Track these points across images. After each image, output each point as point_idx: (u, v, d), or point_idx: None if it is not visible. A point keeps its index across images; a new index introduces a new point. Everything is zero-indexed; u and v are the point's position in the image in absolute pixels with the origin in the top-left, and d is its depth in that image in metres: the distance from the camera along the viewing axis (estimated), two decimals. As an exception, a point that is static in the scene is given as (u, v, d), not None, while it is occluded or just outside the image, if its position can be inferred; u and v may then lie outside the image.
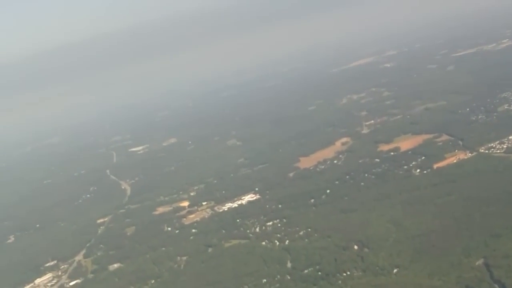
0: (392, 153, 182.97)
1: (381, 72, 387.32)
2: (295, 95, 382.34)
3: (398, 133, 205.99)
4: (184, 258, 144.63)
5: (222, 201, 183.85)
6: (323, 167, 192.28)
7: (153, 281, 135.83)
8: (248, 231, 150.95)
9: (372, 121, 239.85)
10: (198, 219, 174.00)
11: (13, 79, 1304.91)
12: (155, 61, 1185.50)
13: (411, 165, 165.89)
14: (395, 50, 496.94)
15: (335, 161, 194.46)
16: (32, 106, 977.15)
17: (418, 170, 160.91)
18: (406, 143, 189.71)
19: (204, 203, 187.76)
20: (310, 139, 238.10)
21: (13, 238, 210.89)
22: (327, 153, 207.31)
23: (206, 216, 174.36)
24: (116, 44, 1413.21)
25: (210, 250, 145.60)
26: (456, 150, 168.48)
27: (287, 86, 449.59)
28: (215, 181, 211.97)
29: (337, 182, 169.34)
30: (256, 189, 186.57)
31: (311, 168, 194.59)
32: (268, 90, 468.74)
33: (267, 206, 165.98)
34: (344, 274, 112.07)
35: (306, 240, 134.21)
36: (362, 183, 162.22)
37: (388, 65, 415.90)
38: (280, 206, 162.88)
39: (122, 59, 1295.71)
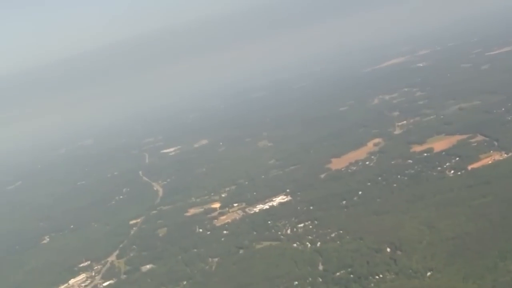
0: (425, 154, 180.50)
1: (413, 71, 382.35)
2: (326, 96, 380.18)
3: (431, 134, 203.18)
4: (216, 259, 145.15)
5: (253, 203, 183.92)
6: (355, 168, 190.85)
7: (185, 282, 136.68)
8: (279, 232, 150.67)
9: (405, 122, 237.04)
10: (229, 220, 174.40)
11: (47, 82, 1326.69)
12: (184, 64, 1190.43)
13: (445, 166, 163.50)
14: (427, 49, 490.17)
15: (367, 162, 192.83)
16: (66, 108, 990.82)
17: (452, 171, 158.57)
18: (439, 144, 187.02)
19: (235, 205, 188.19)
20: (341, 140, 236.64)
21: (48, 239, 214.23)
22: (359, 154, 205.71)
23: (237, 218, 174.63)
24: (145, 48, 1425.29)
25: (241, 251, 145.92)
26: (491, 151, 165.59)
27: (318, 87, 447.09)
28: (246, 183, 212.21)
29: (369, 184, 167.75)
30: (288, 190, 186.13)
31: (343, 169, 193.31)
32: (299, 90, 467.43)
33: (299, 207, 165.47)
34: (377, 277, 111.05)
35: (338, 242, 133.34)
36: (395, 185, 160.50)
37: (421, 65, 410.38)
38: (311, 207, 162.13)
39: (152, 62, 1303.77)
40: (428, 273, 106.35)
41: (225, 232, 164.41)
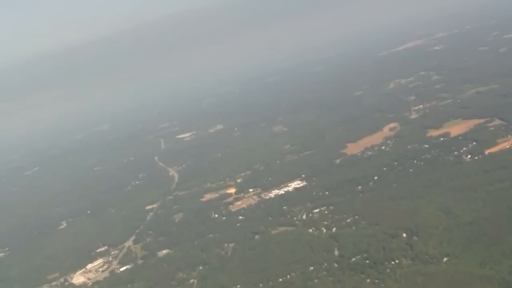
0: (441, 139, 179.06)
1: (430, 55, 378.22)
2: (342, 80, 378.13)
3: (448, 118, 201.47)
4: (231, 245, 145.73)
5: (269, 188, 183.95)
6: (370, 153, 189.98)
7: (201, 268, 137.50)
8: (294, 218, 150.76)
9: (421, 106, 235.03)
10: (244, 206, 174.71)
11: (62, 69, 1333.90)
12: (199, 50, 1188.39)
13: (461, 151, 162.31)
14: (444, 32, 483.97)
15: (383, 147, 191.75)
16: (83, 95, 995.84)
17: (469, 156, 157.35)
18: (456, 128, 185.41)
19: (250, 190, 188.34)
20: (357, 125, 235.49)
21: (65, 224, 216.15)
22: (375, 139, 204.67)
23: (253, 203, 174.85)
24: (159, 35, 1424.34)
25: (257, 237, 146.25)
26: (509, 135, 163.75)
27: (333, 71, 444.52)
28: (262, 168, 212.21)
29: (385, 169, 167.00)
30: (303, 175, 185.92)
31: (359, 154, 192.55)
32: (314, 75, 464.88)
33: (314, 193, 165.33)
34: (393, 262, 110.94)
35: (354, 227, 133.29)
36: (411, 170, 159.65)
37: (438, 48, 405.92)
38: (327, 193, 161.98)
39: (166, 49, 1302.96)
40: (445, 259, 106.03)
41: (240, 217, 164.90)
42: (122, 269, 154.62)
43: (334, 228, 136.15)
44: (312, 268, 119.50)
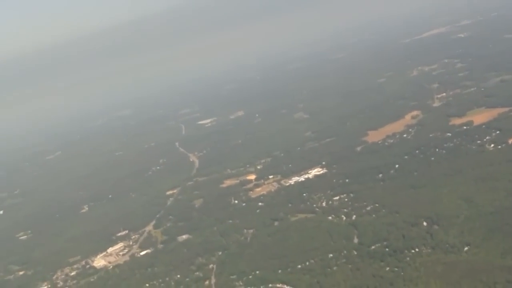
0: (464, 127, 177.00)
1: (454, 42, 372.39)
2: (364, 67, 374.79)
3: (472, 107, 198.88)
4: (251, 231, 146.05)
5: (289, 175, 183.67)
6: (392, 141, 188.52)
7: (220, 253, 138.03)
8: (314, 205, 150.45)
9: (444, 94, 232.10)
10: (264, 192, 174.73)
11: (84, 55, 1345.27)
12: (219, 37, 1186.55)
13: (484, 139, 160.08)
14: (469, 19, 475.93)
15: (404, 135, 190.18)
16: (105, 79, 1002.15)
17: (492, 145, 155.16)
18: (479, 117, 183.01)
19: (270, 177, 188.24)
20: (379, 112, 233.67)
21: (87, 208, 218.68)
22: (397, 126, 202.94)
23: (273, 190, 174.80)
24: (181, 20, 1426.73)
25: (276, 223, 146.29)
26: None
27: (356, 58, 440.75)
28: (282, 155, 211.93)
29: (406, 157, 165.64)
30: (323, 163, 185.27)
31: (380, 142, 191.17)
32: (336, 62, 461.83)
33: (334, 180, 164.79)
34: (413, 251, 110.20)
35: (374, 215, 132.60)
36: (433, 158, 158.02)
37: (462, 35, 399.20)
38: (347, 180, 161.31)
39: (187, 35, 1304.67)
40: (465, 248, 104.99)
41: (260, 204, 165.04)
42: (142, 253, 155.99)
43: (354, 216, 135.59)
44: (331, 255, 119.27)
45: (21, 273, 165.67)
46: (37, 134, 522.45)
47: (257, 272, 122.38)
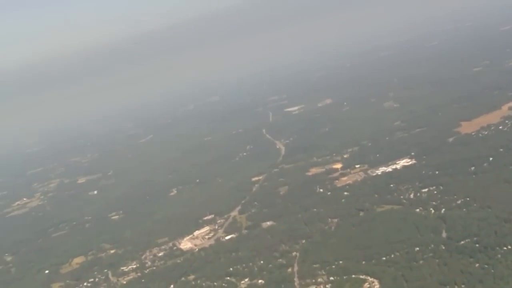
0: None
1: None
2: (459, 55, 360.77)
3: None
4: (335, 220, 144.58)
5: (376, 165, 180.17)
6: (486, 132, 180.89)
7: (303, 241, 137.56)
8: (401, 197, 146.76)
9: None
10: (350, 182, 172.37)
11: (174, 42, 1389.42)
12: (310, 23, 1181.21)
13: None
14: None
15: (500, 127, 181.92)
16: (196, 66, 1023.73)
17: None
18: None
19: (357, 166, 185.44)
20: (473, 103, 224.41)
21: (175, 191, 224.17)
22: (492, 118, 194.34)
23: (359, 179, 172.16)
24: (269, 8, 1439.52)
25: (361, 214, 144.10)
26: None
27: (451, 46, 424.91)
28: (370, 144, 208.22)
29: (501, 150, 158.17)
30: (412, 153, 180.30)
31: (473, 133, 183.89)
32: (429, 49, 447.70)
33: (423, 172, 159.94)
34: (505, 248, 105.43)
35: (464, 209, 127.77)
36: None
37: None
38: (437, 172, 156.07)
39: (278, 22, 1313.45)
40: None
41: (345, 193, 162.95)
42: (227, 237, 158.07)
43: (443, 209, 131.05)
44: (417, 248, 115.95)
45: (112, 251, 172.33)
46: (130, 118, 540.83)
47: (340, 262, 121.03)
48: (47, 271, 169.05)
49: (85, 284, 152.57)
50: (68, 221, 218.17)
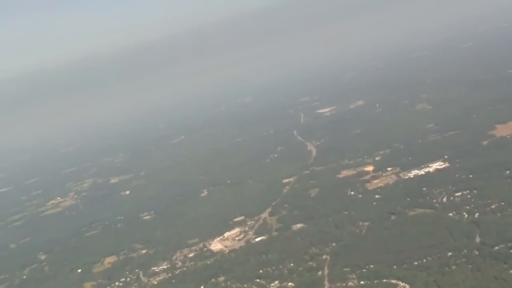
0: None
1: None
2: (494, 57, 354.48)
3: None
4: (366, 223, 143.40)
5: (408, 168, 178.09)
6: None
7: (334, 244, 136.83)
8: (434, 200, 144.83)
9: None
10: (382, 184, 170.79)
11: (208, 43, 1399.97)
12: (341, 24, 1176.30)
13: None
14: None
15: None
16: (227, 67, 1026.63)
17: None
18: None
19: (389, 169, 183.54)
20: (508, 105, 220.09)
21: (206, 192, 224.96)
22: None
23: (391, 182, 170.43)
24: (304, 9, 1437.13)
25: (393, 217, 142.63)
26: None
27: (485, 47, 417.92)
28: (402, 146, 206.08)
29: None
30: (446, 156, 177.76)
31: (509, 136, 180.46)
32: (464, 50, 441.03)
33: (457, 175, 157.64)
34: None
35: (499, 214, 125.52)
36: None
37: None
38: (471, 176, 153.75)
39: (307, 23, 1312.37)
40: None
41: (377, 196, 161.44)
42: (257, 239, 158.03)
43: (477, 214, 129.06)
44: (450, 253, 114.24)
45: (143, 251, 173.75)
46: (162, 119, 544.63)
47: (371, 266, 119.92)
48: (79, 270, 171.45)
49: (116, 283, 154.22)
50: (100, 220, 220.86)
